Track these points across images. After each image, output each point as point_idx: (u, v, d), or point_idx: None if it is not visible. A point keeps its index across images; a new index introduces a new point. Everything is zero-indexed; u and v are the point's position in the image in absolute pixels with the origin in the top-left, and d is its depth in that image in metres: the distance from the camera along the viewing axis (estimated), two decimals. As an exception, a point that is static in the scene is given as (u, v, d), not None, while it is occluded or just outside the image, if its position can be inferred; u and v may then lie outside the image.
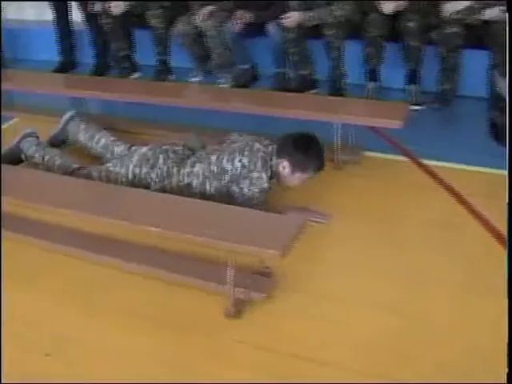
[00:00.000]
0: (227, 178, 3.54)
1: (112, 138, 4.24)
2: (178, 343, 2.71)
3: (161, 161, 3.73)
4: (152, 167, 3.72)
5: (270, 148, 3.57)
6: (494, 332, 2.57)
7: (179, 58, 6.25)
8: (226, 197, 3.50)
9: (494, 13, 4.90)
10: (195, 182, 3.62)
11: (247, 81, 5.85)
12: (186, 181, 3.64)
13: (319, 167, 3.58)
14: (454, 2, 5.00)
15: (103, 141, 4.24)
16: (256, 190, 3.46)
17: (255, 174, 3.46)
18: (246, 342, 2.70)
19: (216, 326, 2.80)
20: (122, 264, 3.18)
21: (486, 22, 4.97)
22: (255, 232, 2.78)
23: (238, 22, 5.52)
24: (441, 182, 3.90)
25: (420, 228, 3.50)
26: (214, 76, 6.02)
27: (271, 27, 5.47)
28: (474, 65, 5.21)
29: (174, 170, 3.69)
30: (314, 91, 5.58)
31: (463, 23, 4.99)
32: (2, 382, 2.40)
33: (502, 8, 4.83)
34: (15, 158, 4.19)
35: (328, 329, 2.76)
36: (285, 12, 5.35)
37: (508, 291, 1.95)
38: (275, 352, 2.63)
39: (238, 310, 2.85)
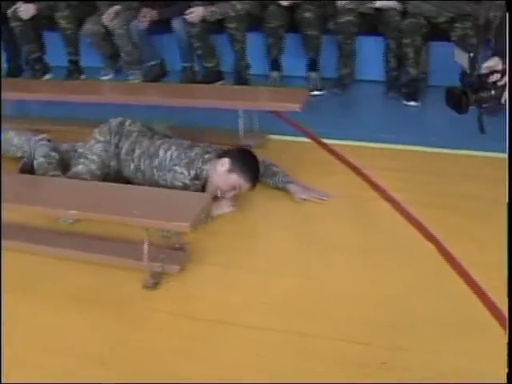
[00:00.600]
0: (156, 162, 3.62)
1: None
2: (106, 317, 2.87)
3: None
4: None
5: (207, 156, 3.61)
6: (391, 289, 2.93)
7: (90, 58, 6.37)
8: (151, 180, 3.67)
9: (384, 1, 5.23)
10: (136, 152, 3.75)
11: (156, 76, 6.05)
12: (131, 148, 3.79)
13: (254, 181, 3.58)
14: (347, -8, 5.28)
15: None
16: (179, 184, 3.49)
17: (177, 169, 3.52)
18: (164, 310, 2.89)
19: (136, 298, 2.98)
20: (48, 250, 3.33)
21: (379, 10, 5.28)
22: (167, 209, 3.01)
23: (144, 19, 5.71)
24: (340, 158, 4.16)
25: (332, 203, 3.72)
26: (124, 73, 6.16)
27: (176, 23, 5.70)
28: (369, 50, 5.53)
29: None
30: (220, 82, 5.81)
31: (357, 12, 5.28)
32: (2, 381, 2.45)
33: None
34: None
35: (240, 294, 2.97)
36: (189, 8, 5.55)
37: (508, 291, 1.94)
38: (191, 318, 2.83)
39: (155, 282, 3.05)
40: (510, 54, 2.99)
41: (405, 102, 5.20)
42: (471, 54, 3.68)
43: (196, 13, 5.51)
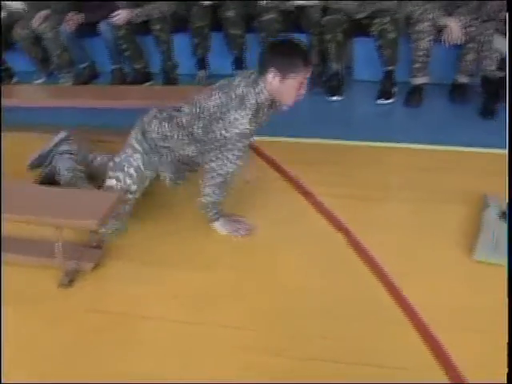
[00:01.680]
0: (207, 114, 3.20)
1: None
2: (20, 315, 2.92)
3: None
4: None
5: (252, 77, 3.19)
6: (296, 279, 3.09)
7: (22, 62, 6.38)
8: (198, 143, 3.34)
9: (304, -1, 5.32)
10: (184, 121, 3.31)
11: (87, 78, 6.09)
12: (178, 120, 3.35)
13: (308, 59, 3.18)
14: (270, -9, 5.38)
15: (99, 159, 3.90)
16: (233, 133, 3.11)
17: (232, 115, 3.09)
18: (78, 307, 2.94)
19: (51, 296, 3.03)
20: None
21: (301, 7, 5.39)
22: (76, 208, 3.05)
23: (71, 23, 5.74)
24: (260, 153, 4.23)
25: (242, 192, 3.80)
26: (55, 76, 6.18)
27: (102, 26, 5.74)
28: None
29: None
30: (149, 83, 5.86)
31: (279, 10, 5.37)
32: (2, 381, 2.47)
33: (312, -8, 5.25)
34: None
35: (152, 288, 3.05)
36: (115, 10, 5.59)
37: (508, 291, 2.00)
38: (105, 312, 2.89)
39: (70, 279, 3.10)
40: (510, 53, 3.09)
41: (328, 97, 5.29)
42: None
43: (121, 15, 5.56)
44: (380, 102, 5.19)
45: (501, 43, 3.84)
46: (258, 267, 3.16)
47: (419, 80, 5.10)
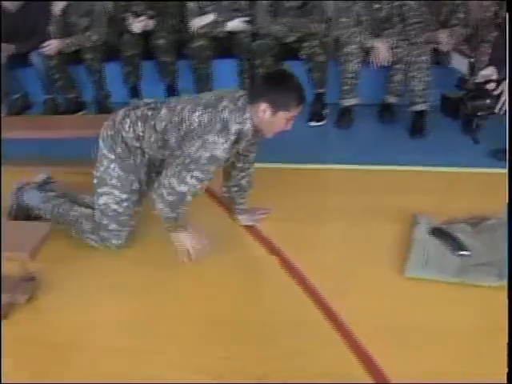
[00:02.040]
0: (184, 128, 3.08)
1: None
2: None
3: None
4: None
5: (240, 102, 3.07)
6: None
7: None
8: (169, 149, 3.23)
9: (235, 24, 5.39)
10: (158, 127, 3.17)
11: (20, 109, 6.03)
12: (152, 123, 3.21)
13: (302, 98, 3.08)
14: (199, 17, 5.43)
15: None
16: (205, 155, 2.98)
17: (210, 137, 2.97)
18: (14, 340, 2.89)
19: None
20: None
21: (231, 33, 5.46)
22: (8, 239, 3.03)
23: (2, 54, 5.71)
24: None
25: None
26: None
27: (34, 56, 5.71)
28: (226, 73, 5.67)
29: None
30: (81, 112, 5.84)
31: (209, 36, 5.43)
32: (2, 381, 2.47)
33: (242, 19, 5.33)
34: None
35: (87, 317, 3.02)
36: (46, 40, 5.58)
37: (508, 291, 2.02)
38: (41, 344, 2.86)
39: (5, 312, 3.07)
40: (510, 54, 3.16)
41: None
42: (471, 60, 3.86)
43: (52, 45, 5.55)
44: (312, 124, 5.28)
45: (459, 63, 3.97)
46: (186, 294, 3.17)
47: (349, 101, 5.20)
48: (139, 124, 3.23)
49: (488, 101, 3.65)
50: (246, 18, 5.53)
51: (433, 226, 3.53)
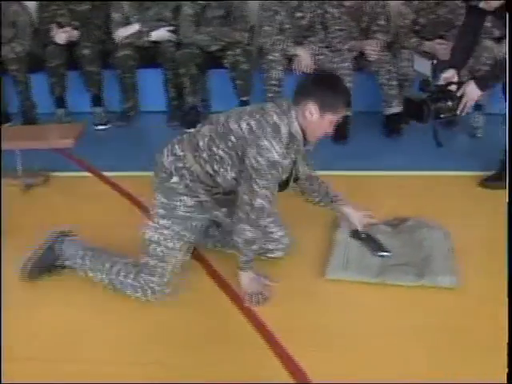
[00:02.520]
0: (233, 138, 2.96)
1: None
2: None
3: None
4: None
5: (285, 104, 3.02)
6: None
7: None
8: (237, 163, 3.02)
9: (159, 34, 5.44)
10: (201, 143, 3.04)
11: None
12: (194, 142, 3.09)
13: (349, 101, 3.10)
14: (124, 28, 5.46)
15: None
16: (263, 163, 2.88)
17: (264, 143, 2.88)
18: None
19: None
20: None
21: (156, 43, 5.50)
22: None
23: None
24: (117, 188, 4.36)
25: (97, 226, 3.81)
26: None
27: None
28: (151, 82, 5.73)
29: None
30: (8, 124, 5.78)
31: (134, 46, 5.45)
32: (2, 381, 2.45)
33: (166, 29, 5.38)
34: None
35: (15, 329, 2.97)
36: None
37: (508, 291, 1.98)
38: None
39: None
40: (510, 54, 3.18)
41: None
42: (434, 62, 3.92)
43: (-25, 57, 5.48)
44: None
45: (421, 65, 4.08)
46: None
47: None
48: (176, 147, 3.12)
49: (450, 103, 3.74)
50: (171, 28, 5.57)
51: (353, 228, 3.58)
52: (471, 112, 5.15)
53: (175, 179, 3.09)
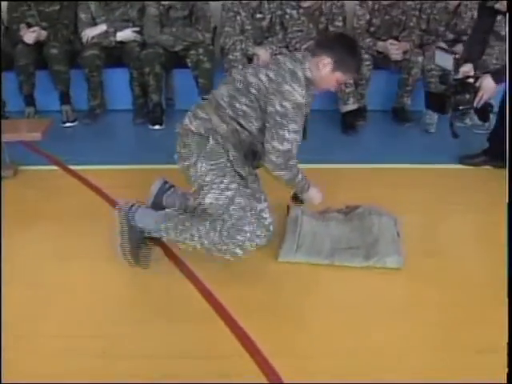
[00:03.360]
0: (253, 91, 3.09)
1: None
2: None
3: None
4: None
5: (299, 54, 3.22)
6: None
7: None
8: (260, 115, 3.13)
9: (125, 34, 5.65)
10: (222, 103, 3.15)
11: None
12: (214, 103, 3.19)
13: (359, 69, 3.38)
14: (91, 28, 5.66)
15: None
16: (289, 106, 3.02)
17: (285, 87, 3.02)
18: None
19: None
20: None
21: (122, 43, 5.71)
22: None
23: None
24: (85, 181, 4.52)
25: (65, 217, 4.05)
26: None
27: None
28: (117, 81, 5.98)
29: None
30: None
31: (101, 46, 5.64)
32: (2, 382, 2.48)
33: (132, 29, 5.58)
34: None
35: None
36: None
37: (508, 291, 2.01)
38: None
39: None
40: (510, 54, 3.35)
41: (150, 127, 5.58)
42: (456, 56, 4.13)
43: None
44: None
45: (441, 59, 4.28)
46: (85, 281, 3.37)
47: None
48: (199, 111, 3.22)
49: (468, 95, 3.98)
50: (136, 29, 5.76)
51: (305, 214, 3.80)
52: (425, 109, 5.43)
53: (211, 142, 3.14)
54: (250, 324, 2.94)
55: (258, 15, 5.60)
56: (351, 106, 5.44)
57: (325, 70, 3.14)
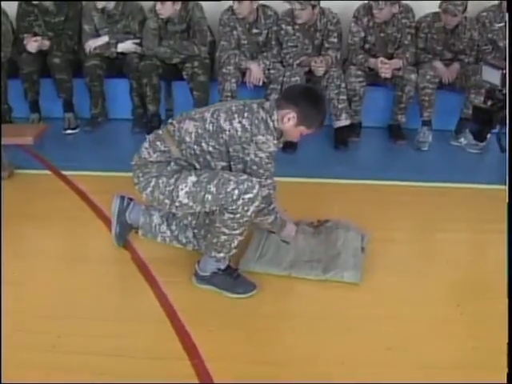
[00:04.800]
0: (225, 137, 3.16)
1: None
2: None
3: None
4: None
5: (266, 104, 3.26)
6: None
7: None
8: (226, 157, 3.25)
9: (126, 46, 5.82)
10: (188, 139, 3.22)
11: None
12: (177, 137, 3.26)
13: (323, 123, 3.39)
14: (94, 39, 5.85)
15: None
16: (263, 156, 3.16)
17: (260, 138, 3.13)
18: None
19: None
20: None
21: (123, 54, 5.88)
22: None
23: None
24: (73, 186, 4.68)
25: (52, 219, 4.26)
26: None
27: None
28: (119, 91, 6.16)
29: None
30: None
31: (102, 56, 5.83)
32: (2, 382, 2.55)
33: (133, 41, 5.74)
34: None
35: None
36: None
37: (508, 291, 2.03)
38: None
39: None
40: (510, 54, 3.37)
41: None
42: (504, 71, 4.23)
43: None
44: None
45: (488, 74, 4.34)
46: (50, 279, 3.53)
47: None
48: (158, 144, 3.31)
49: None
50: (137, 40, 5.92)
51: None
52: (420, 127, 5.50)
53: (172, 164, 3.27)
54: (198, 329, 3.08)
55: (255, 30, 5.74)
56: (344, 121, 5.52)
57: (289, 124, 3.23)
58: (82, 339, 3.01)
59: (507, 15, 3.50)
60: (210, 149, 3.19)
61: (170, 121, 3.42)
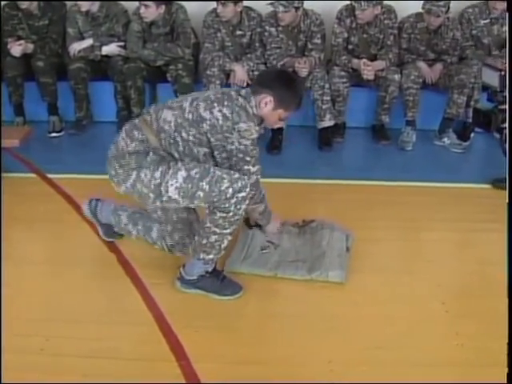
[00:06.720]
0: (206, 126, 3.14)
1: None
2: None
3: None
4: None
5: (243, 92, 3.26)
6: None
7: None
8: (207, 145, 3.22)
9: (110, 49, 5.84)
10: (167, 128, 3.18)
11: None
12: (155, 126, 3.23)
13: (300, 104, 3.37)
14: (78, 42, 5.88)
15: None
16: (247, 143, 3.15)
17: (242, 126, 3.11)
18: None
19: None
20: None
21: (107, 57, 5.89)
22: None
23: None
24: (59, 189, 4.70)
25: (38, 222, 4.28)
26: None
27: None
28: (104, 94, 6.14)
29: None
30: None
31: (87, 59, 5.84)
32: (2, 382, 2.57)
33: (117, 44, 5.75)
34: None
35: None
36: None
37: (508, 291, 2.05)
38: None
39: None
40: (510, 54, 3.38)
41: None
42: (502, 73, 4.21)
43: None
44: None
45: (487, 76, 4.32)
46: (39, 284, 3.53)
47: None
48: (135, 133, 3.25)
49: None
50: (121, 43, 5.93)
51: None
52: (403, 127, 5.54)
53: (151, 155, 3.20)
54: (185, 331, 3.11)
55: (238, 32, 5.75)
56: (328, 122, 5.54)
57: (267, 108, 3.24)
58: (70, 341, 3.02)
59: (507, 15, 3.51)
60: (191, 138, 3.17)
61: (145, 110, 3.44)
